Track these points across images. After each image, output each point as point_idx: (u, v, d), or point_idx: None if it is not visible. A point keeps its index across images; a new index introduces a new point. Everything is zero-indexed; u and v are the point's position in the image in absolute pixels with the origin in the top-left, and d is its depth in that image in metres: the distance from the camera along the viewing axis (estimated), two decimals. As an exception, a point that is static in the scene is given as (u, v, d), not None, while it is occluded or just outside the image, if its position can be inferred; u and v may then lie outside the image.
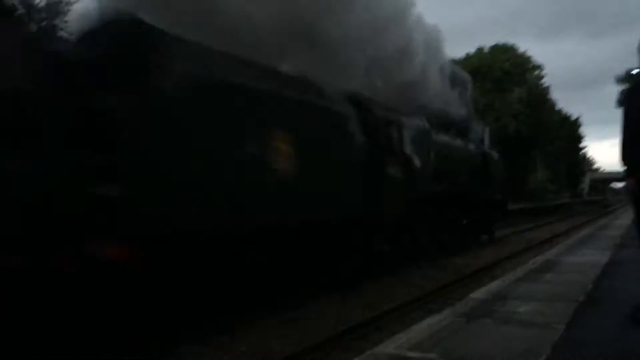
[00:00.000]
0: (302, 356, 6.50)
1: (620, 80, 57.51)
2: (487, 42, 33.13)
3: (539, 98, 48.96)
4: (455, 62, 25.21)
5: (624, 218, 26.14)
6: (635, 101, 4.78)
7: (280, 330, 7.76)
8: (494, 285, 7.35)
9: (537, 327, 4.88)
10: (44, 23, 11.93)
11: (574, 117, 69.53)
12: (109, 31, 6.58)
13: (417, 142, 12.95)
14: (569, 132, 66.27)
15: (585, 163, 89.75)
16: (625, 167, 4.80)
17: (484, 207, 18.19)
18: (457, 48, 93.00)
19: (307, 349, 6.68)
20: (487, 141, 19.73)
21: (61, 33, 10.36)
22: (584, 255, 10.55)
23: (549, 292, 6.59)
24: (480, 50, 48.28)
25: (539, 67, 51.49)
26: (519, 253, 16.47)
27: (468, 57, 45.84)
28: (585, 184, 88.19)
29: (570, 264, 9.31)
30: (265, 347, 7.01)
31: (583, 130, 75.23)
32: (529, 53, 50.82)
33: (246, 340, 7.24)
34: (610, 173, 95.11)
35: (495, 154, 20.64)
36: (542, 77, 51.62)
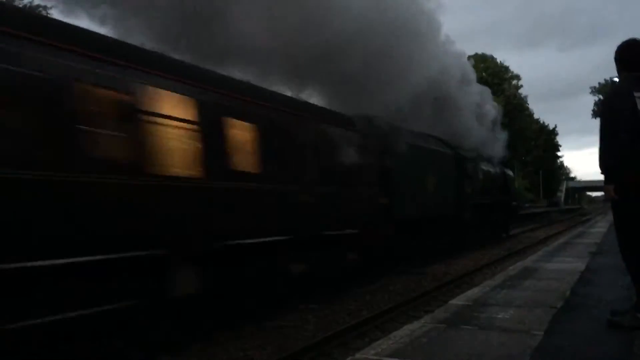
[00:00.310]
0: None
1: (596, 91, 58.72)
2: (466, 51, 33.29)
3: (517, 107, 49.65)
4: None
5: (600, 227, 26.56)
6: (613, 108, 4.86)
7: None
8: (473, 292, 7.38)
9: (517, 333, 4.91)
10: None
11: (550, 127, 70.61)
12: (368, 123, 13.10)
13: (476, 169, 21.33)
14: (546, 141, 67.20)
15: (561, 172, 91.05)
16: (603, 174, 4.88)
17: (505, 211, 25.90)
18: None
19: (286, 357, 6.65)
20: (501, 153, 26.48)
21: None
22: (561, 263, 10.66)
23: (527, 299, 6.64)
24: (459, 59, 48.78)
25: (516, 76, 52.32)
26: (499, 260, 16.63)
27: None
28: (561, 193, 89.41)
29: (548, 271, 9.40)
30: (247, 355, 6.97)
31: (559, 140, 76.46)
32: (507, 63, 51.64)
33: (228, 347, 7.19)
34: (586, 182, 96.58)
35: (509, 171, 29.69)
36: (519, 87, 52.44)
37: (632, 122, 4.58)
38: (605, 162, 4.78)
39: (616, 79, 6.16)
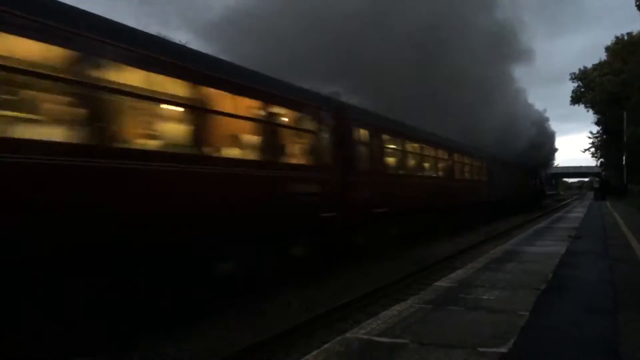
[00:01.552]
0: (267, 345, 6.44)
1: (575, 78, 59.28)
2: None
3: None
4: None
5: (578, 212, 26.97)
6: None
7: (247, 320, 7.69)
8: (457, 274, 7.43)
9: (503, 313, 4.95)
10: None
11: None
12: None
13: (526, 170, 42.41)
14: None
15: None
16: None
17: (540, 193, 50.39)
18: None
19: (271, 338, 6.63)
20: None
21: None
22: (542, 246, 10.79)
23: (511, 281, 6.71)
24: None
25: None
26: (479, 244, 16.79)
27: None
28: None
29: (530, 254, 9.51)
30: (230, 338, 6.92)
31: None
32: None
33: (212, 331, 7.14)
34: (563, 168, 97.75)
35: (542, 169, 54.48)
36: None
37: None
38: None
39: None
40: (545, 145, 59.44)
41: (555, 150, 70.20)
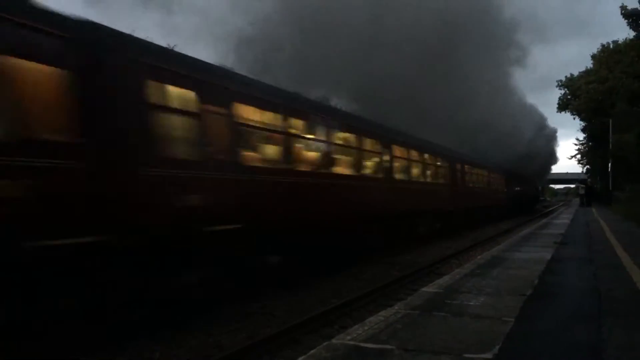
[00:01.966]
0: (252, 350, 6.41)
1: (561, 85, 59.82)
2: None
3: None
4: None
5: (564, 218, 27.18)
6: None
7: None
8: (444, 280, 7.45)
9: (489, 319, 4.97)
10: None
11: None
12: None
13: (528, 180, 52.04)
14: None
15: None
16: None
17: (536, 198, 60.83)
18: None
19: (256, 343, 6.60)
20: None
21: None
22: (528, 252, 10.85)
23: (497, 287, 6.73)
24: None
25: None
26: (466, 250, 16.86)
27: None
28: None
29: (516, 260, 9.56)
30: (217, 342, 6.89)
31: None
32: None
33: (199, 334, 7.11)
34: (551, 174, 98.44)
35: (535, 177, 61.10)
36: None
37: None
38: None
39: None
40: (544, 159, 68.50)
41: (555, 161, 75.78)
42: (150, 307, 7.05)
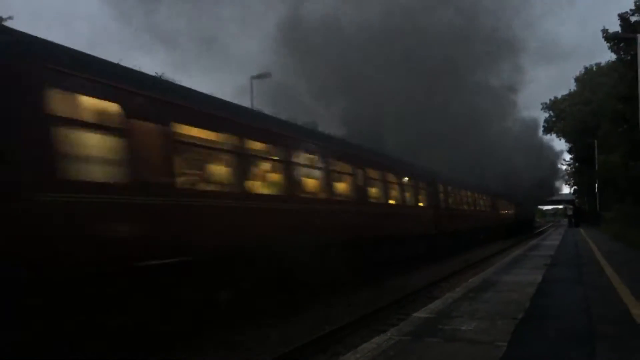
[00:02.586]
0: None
1: (546, 107, 60.70)
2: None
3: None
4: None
5: (553, 239, 27.30)
6: None
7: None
8: (436, 305, 7.42)
9: (482, 344, 4.95)
10: None
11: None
12: None
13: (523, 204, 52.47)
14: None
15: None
16: None
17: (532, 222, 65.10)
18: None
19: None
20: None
21: None
22: (519, 275, 10.86)
23: (489, 310, 6.72)
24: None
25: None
26: (457, 273, 16.81)
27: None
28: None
29: (507, 283, 9.56)
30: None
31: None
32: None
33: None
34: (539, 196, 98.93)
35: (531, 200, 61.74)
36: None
37: None
38: None
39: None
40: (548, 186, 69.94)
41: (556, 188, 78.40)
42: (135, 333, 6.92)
